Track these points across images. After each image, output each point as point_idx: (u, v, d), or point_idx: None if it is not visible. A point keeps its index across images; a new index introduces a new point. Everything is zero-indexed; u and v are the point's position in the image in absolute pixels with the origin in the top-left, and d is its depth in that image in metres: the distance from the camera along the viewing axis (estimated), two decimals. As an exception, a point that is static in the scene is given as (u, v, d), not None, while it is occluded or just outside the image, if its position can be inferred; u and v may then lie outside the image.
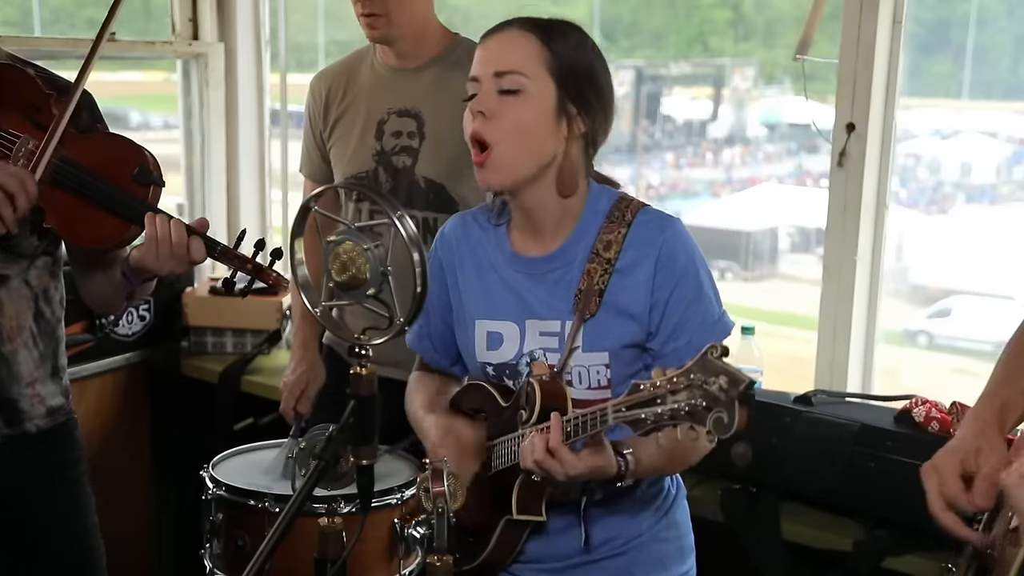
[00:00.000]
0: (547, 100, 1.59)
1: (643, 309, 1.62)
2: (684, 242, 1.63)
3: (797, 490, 2.27)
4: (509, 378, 1.73)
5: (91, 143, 1.87)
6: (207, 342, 3.31)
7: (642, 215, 1.65)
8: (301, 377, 2.52)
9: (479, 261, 1.75)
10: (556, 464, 1.50)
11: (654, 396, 1.33)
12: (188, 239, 1.81)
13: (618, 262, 1.62)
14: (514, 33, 1.61)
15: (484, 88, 1.60)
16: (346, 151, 2.38)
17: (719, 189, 9.25)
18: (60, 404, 2.00)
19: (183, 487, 3.23)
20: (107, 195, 1.83)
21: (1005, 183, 7.15)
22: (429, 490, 1.60)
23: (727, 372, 1.26)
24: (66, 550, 2.01)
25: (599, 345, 1.63)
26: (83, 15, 7.19)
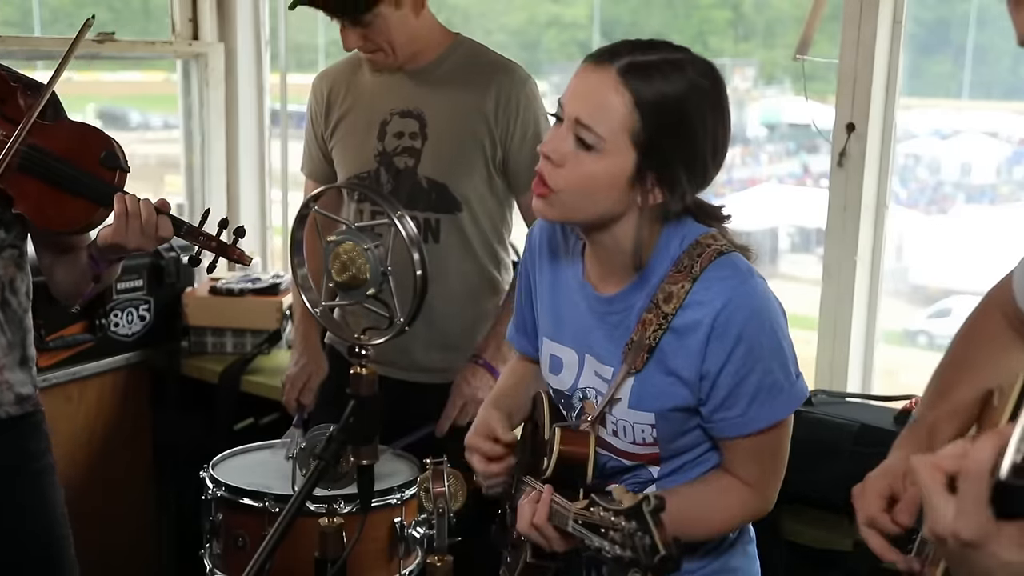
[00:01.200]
0: (623, 167, 1.45)
1: (693, 376, 1.50)
2: (747, 308, 1.48)
3: (797, 490, 2.26)
4: (565, 408, 1.67)
5: (59, 131, 1.95)
6: (207, 342, 3.31)
7: (712, 270, 1.49)
8: (304, 369, 2.52)
9: (556, 276, 1.68)
10: (541, 539, 1.47)
11: (599, 525, 1.27)
12: (156, 217, 1.90)
13: (675, 319, 1.49)
14: (611, 83, 1.43)
15: (564, 128, 1.47)
16: (348, 151, 2.38)
17: (719, 189, 9.24)
18: (29, 393, 2.02)
19: (183, 487, 3.23)
20: (76, 179, 1.91)
21: (1005, 183, 7.15)
22: (429, 490, 1.60)
23: (651, 535, 1.19)
24: (33, 542, 2.03)
25: (644, 405, 1.54)
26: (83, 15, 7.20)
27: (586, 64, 1.48)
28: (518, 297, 1.80)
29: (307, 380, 2.52)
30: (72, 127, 1.97)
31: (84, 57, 3.33)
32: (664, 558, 1.16)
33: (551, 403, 1.67)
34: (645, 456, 1.60)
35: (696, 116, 1.45)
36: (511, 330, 1.85)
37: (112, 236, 1.90)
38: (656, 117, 1.43)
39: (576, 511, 1.35)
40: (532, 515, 1.46)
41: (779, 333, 1.52)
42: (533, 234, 1.75)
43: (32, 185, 1.90)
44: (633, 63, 1.43)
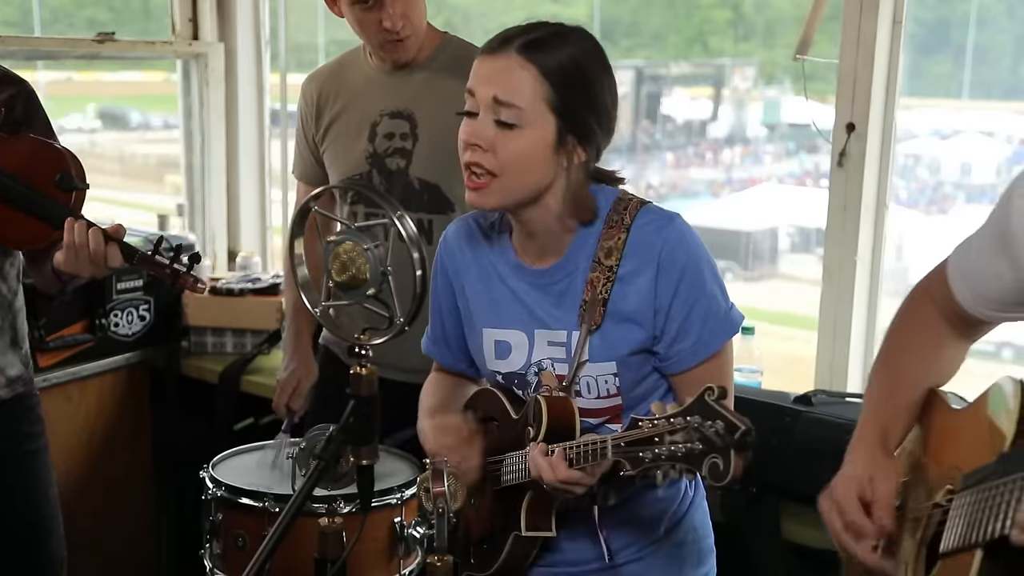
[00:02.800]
0: (546, 135, 1.56)
1: (647, 315, 1.60)
2: (684, 242, 1.60)
3: (797, 490, 2.26)
4: (519, 387, 1.72)
5: (16, 147, 1.93)
6: (207, 342, 3.31)
7: (640, 217, 1.62)
8: (293, 374, 2.52)
9: (484, 269, 1.74)
10: (571, 487, 1.50)
11: (652, 435, 1.32)
12: (105, 246, 1.86)
13: (620, 269, 1.60)
14: (515, 62, 1.55)
15: (481, 114, 1.57)
16: (339, 153, 2.38)
17: (719, 189, 9.24)
18: (19, 374, 2.03)
19: (183, 487, 3.23)
20: (30, 199, 1.90)
21: (1005, 183, 7.12)
22: (429, 490, 1.60)
23: (724, 417, 1.25)
24: (20, 520, 2.05)
25: (606, 355, 1.62)
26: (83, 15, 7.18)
27: (482, 56, 1.60)
28: (434, 308, 1.83)
29: (297, 385, 2.52)
30: (30, 144, 1.95)
31: (84, 57, 3.33)
32: (745, 432, 1.24)
33: (504, 391, 1.73)
34: (609, 410, 1.66)
35: (593, 72, 1.59)
36: (426, 342, 1.87)
37: (63, 264, 1.90)
38: (563, 80, 1.55)
39: (615, 438, 1.40)
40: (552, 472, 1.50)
41: (712, 264, 1.64)
42: (448, 238, 1.80)
43: None
44: (527, 41, 1.56)
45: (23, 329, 2.05)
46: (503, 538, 1.69)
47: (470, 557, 1.78)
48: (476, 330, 1.75)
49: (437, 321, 1.83)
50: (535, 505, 1.62)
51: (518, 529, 1.63)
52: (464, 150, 1.58)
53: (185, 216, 3.66)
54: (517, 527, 1.64)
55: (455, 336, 1.82)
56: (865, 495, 1.43)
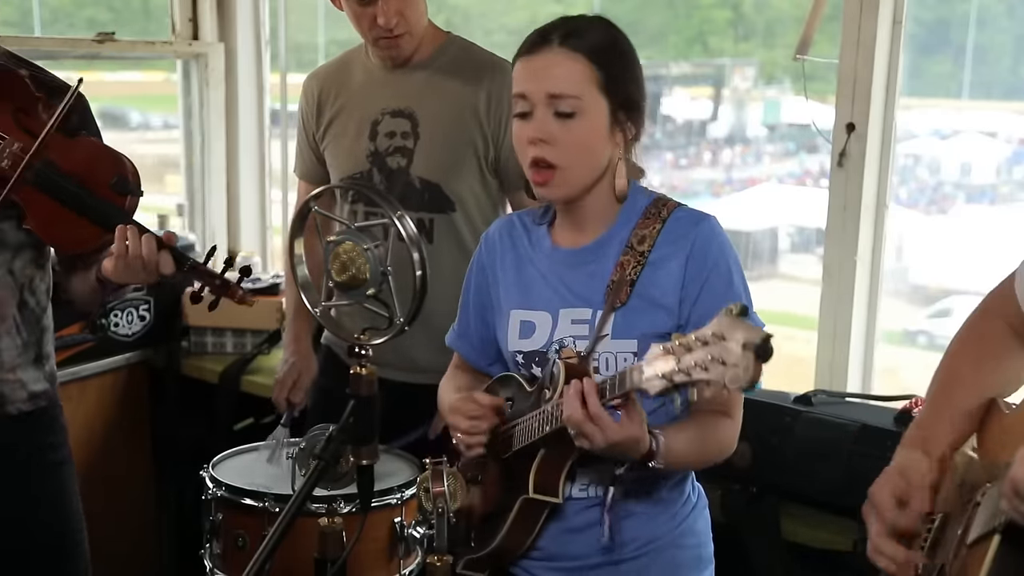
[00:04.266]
0: (602, 117, 1.62)
1: (673, 301, 1.64)
2: (717, 239, 1.66)
3: (797, 490, 2.27)
4: (538, 365, 1.73)
5: (75, 148, 1.91)
6: (207, 342, 3.31)
7: (678, 212, 1.68)
8: (293, 368, 2.52)
9: (519, 256, 1.78)
10: (596, 430, 1.49)
11: (669, 354, 1.35)
12: (158, 253, 1.84)
13: (651, 255, 1.65)
14: (561, 55, 1.61)
15: (538, 111, 1.61)
16: (340, 152, 2.38)
17: (719, 189, 9.23)
18: (43, 389, 2.02)
19: (183, 487, 3.23)
20: (84, 201, 1.87)
21: (1005, 183, 7.13)
22: (429, 490, 1.60)
23: (743, 327, 1.28)
24: (45, 531, 2.03)
25: (628, 333, 1.64)
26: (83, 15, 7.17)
27: (523, 58, 1.65)
28: (464, 303, 1.85)
29: (296, 379, 2.52)
30: (89, 146, 1.93)
31: (84, 57, 3.33)
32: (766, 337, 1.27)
33: (522, 374, 1.74)
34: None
35: (627, 47, 1.68)
36: (451, 335, 1.89)
37: (112, 272, 1.87)
38: (607, 59, 1.62)
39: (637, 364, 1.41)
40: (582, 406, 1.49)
41: (739, 265, 1.69)
42: (491, 232, 1.84)
43: (43, 202, 1.86)
44: (566, 33, 1.62)
45: (49, 348, 2.03)
46: (508, 508, 1.68)
47: (470, 540, 1.77)
48: (504, 313, 1.77)
49: (465, 317, 1.85)
50: (545, 466, 1.63)
51: (526, 492, 1.63)
52: (528, 147, 1.62)
53: (185, 216, 3.66)
54: (525, 490, 1.63)
55: (478, 332, 1.84)
56: (898, 490, 1.42)
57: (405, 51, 2.27)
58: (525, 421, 1.67)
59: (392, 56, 2.29)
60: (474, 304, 1.83)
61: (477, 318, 1.83)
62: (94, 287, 1.99)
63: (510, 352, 1.76)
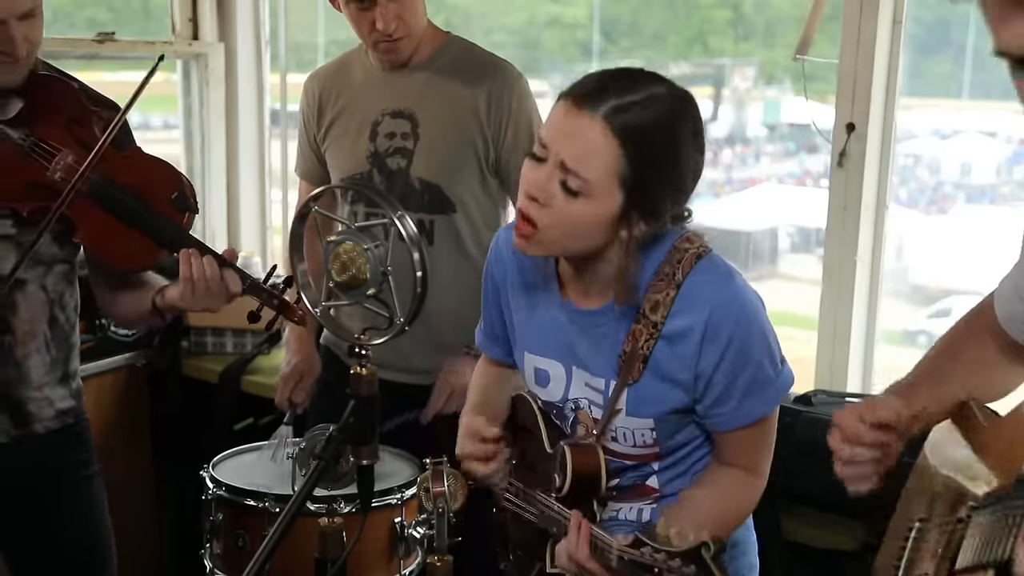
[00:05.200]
0: (610, 209, 1.46)
1: (688, 379, 1.54)
2: (734, 309, 1.51)
3: (797, 490, 2.26)
4: (557, 418, 1.69)
5: (131, 163, 1.87)
6: (207, 342, 3.31)
7: (694, 275, 1.52)
8: (296, 368, 2.52)
9: (528, 289, 1.69)
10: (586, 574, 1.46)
11: (652, 565, 1.28)
12: (221, 272, 1.81)
13: (664, 327, 1.52)
14: (599, 128, 1.43)
15: (548, 167, 1.46)
16: (341, 153, 2.38)
17: (719, 189, 9.24)
18: (70, 406, 1.99)
19: (183, 487, 3.23)
20: (143, 217, 1.82)
21: (1005, 183, 7.13)
22: (429, 490, 1.60)
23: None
24: (75, 546, 2.03)
25: (643, 412, 1.57)
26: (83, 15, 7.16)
27: (567, 103, 1.46)
28: (485, 303, 1.81)
29: (299, 379, 2.52)
30: (146, 160, 1.88)
31: (84, 57, 3.33)
32: None
33: (542, 411, 1.70)
34: (645, 456, 1.63)
35: (679, 147, 1.48)
36: (479, 336, 1.86)
37: (180, 300, 1.84)
38: (642, 155, 1.44)
39: (621, 548, 1.36)
40: (569, 550, 1.47)
41: (764, 328, 1.55)
42: (500, 241, 1.76)
43: (96, 215, 1.81)
44: (619, 106, 1.43)
45: (75, 365, 1.99)
46: (533, 559, 1.69)
47: (509, 554, 1.78)
48: (519, 349, 1.73)
49: (488, 318, 1.82)
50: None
51: (543, 562, 1.63)
52: (522, 197, 1.50)
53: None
54: (543, 560, 1.63)
55: (504, 335, 1.79)
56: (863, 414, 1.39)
57: (404, 54, 2.27)
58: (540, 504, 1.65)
59: (391, 60, 2.29)
60: (494, 310, 1.79)
61: (499, 322, 1.79)
62: (146, 312, 1.93)
63: (528, 391, 1.74)
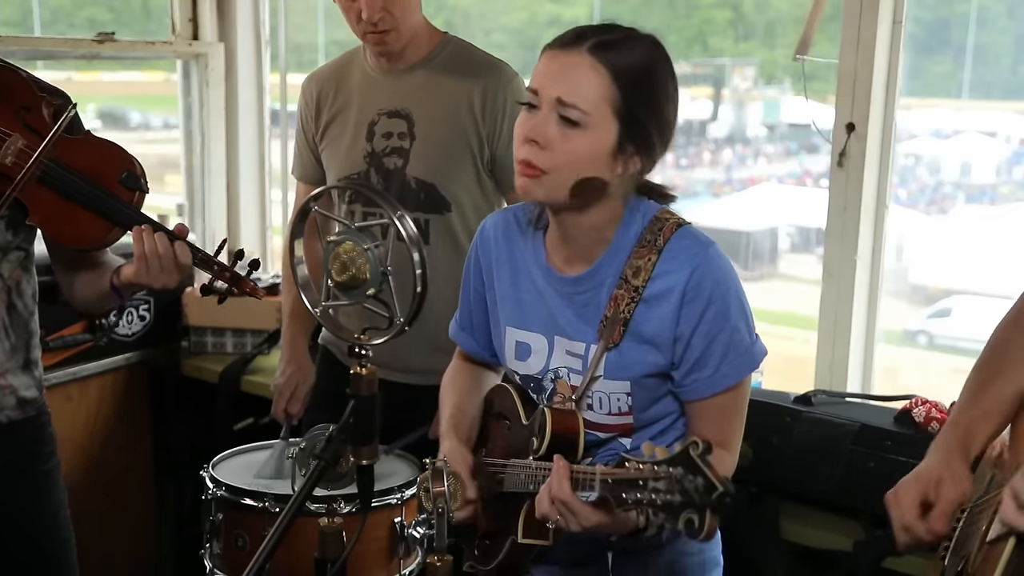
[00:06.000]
0: (607, 139, 1.52)
1: (667, 341, 1.58)
2: (713, 273, 1.56)
3: (797, 490, 2.27)
4: (534, 391, 1.72)
5: (82, 146, 1.92)
6: (207, 342, 3.31)
7: (675, 240, 1.58)
8: (291, 379, 2.52)
9: (515, 265, 1.72)
10: (568, 514, 1.46)
11: (636, 478, 1.30)
12: (172, 245, 1.85)
13: (646, 291, 1.57)
14: (586, 61, 1.50)
15: (543, 111, 1.51)
16: (338, 153, 2.38)
17: (719, 189, 9.25)
18: (33, 397, 2.00)
19: (183, 487, 3.23)
20: (94, 196, 1.88)
21: (1005, 183, 7.15)
22: (429, 490, 1.60)
23: (704, 476, 1.23)
24: (34, 543, 2.02)
25: (621, 374, 1.60)
26: (83, 15, 7.17)
27: (552, 50, 1.54)
28: (464, 296, 1.83)
29: (294, 389, 2.51)
30: (96, 143, 1.94)
31: (84, 57, 3.33)
32: (722, 494, 1.21)
33: (520, 391, 1.72)
34: (618, 427, 1.65)
35: (661, 83, 1.55)
36: (454, 327, 1.88)
37: (135, 276, 1.88)
38: (632, 86, 1.51)
39: (604, 472, 1.37)
40: (552, 490, 1.46)
41: (741, 296, 1.60)
42: (485, 229, 1.78)
43: (49, 197, 1.87)
44: (601, 41, 1.51)
45: (36, 353, 2.01)
46: (502, 539, 1.69)
47: (474, 548, 1.78)
48: (500, 326, 1.75)
49: (466, 309, 1.83)
50: (533, 514, 1.61)
51: (515, 535, 1.63)
52: (521, 144, 1.54)
53: (185, 216, 3.66)
54: (515, 532, 1.63)
55: (481, 326, 1.82)
56: (929, 497, 1.43)
57: (393, 47, 2.27)
58: (515, 468, 1.66)
59: (381, 52, 2.29)
60: (474, 299, 1.81)
61: (479, 312, 1.81)
62: (104, 293, 1.97)
63: (508, 368, 1.76)
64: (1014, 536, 1.25)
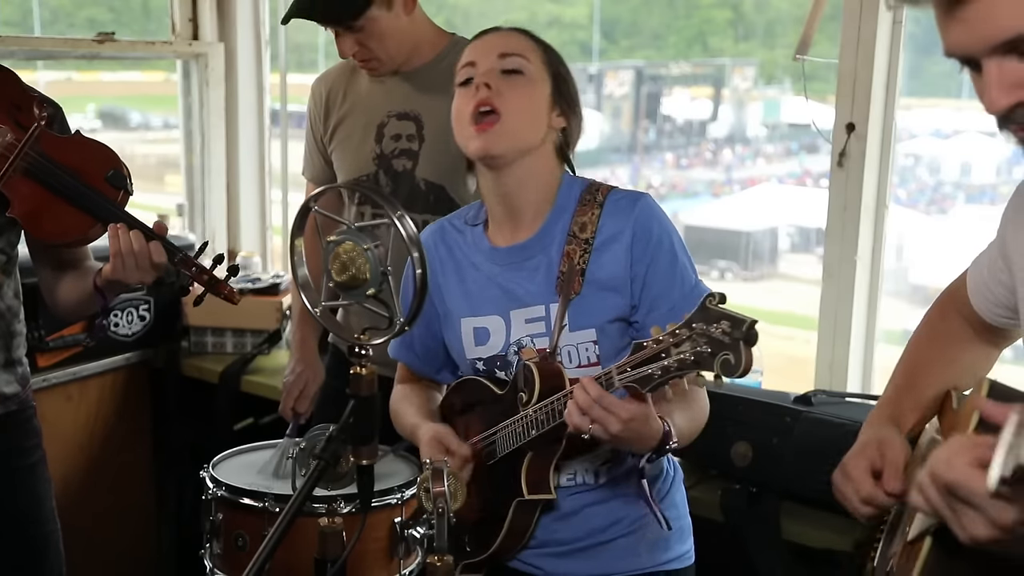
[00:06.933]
0: (545, 86, 1.70)
1: (624, 282, 1.67)
2: (656, 215, 1.69)
3: (797, 490, 2.26)
4: (500, 369, 1.75)
5: (70, 144, 1.95)
6: (207, 342, 3.31)
7: (613, 195, 1.71)
8: (300, 377, 2.52)
9: (458, 262, 1.79)
10: (606, 414, 1.47)
11: (658, 351, 1.35)
12: (148, 245, 1.86)
13: (595, 240, 1.67)
14: (510, 31, 1.73)
15: (484, 68, 1.67)
16: (347, 154, 2.38)
17: (719, 189, 9.26)
18: (14, 392, 2.01)
19: (183, 487, 3.23)
20: (79, 191, 1.90)
21: (1005, 183, 7.15)
22: (429, 490, 1.60)
23: (728, 316, 1.29)
24: (19, 535, 2.03)
25: (585, 323, 1.67)
26: (83, 15, 7.18)
27: (477, 38, 1.74)
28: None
29: (303, 388, 2.52)
30: (84, 142, 1.97)
31: (84, 57, 3.33)
32: (751, 324, 1.27)
33: (485, 372, 1.77)
34: None
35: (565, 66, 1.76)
36: (394, 345, 1.89)
37: (111, 273, 1.90)
38: (552, 53, 1.74)
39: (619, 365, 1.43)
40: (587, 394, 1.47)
41: (680, 238, 1.72)
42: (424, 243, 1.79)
43: (33, 191, 1.89)
44: (516, 28, 1.75)
45: (20, 352, 2.03)
46: (503, 511, 1.70)
47: (465, 545, 1.79)
48: (454, 323, 1.78)
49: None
50: (534, 466, 1.65)
51: (520, 494, 1.65)
52: (470, 102, 1.66)
53: (185, 216, 3.67)
54: (519, 492, 1.65)
55: (421, 341, 1.86)
56: (875, 464, 1.45)
57: (380, 72, 2.32)
58: (507, 427, 1.68)
59: (372, 75, 2.34)
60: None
61: (421, 327, 1.83)
62: (88, 294, 1.98)
63: (468, 360, 1.79)
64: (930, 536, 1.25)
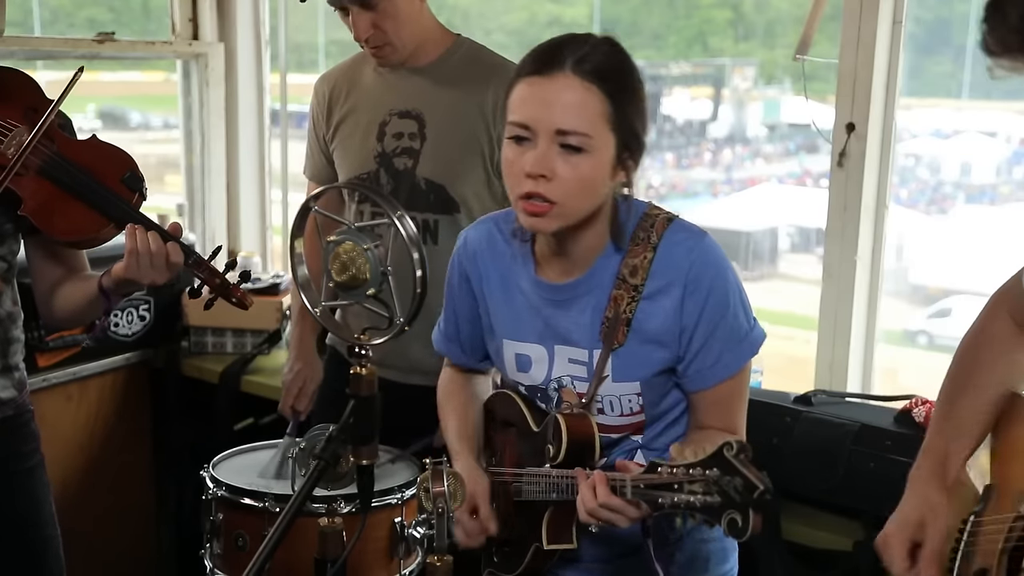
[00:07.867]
0: (609, 154, 1.52)
1: (673, 336, 1.59)
2: (711, 263, 1.58)
3: (797, 490, 2.26)
4: (541, 400, 1.72)
5: (85, 146, 1.95)
6: (207, 342, 3.31)
7: (668, 236, 1.59)
8: (299, 376, 2.52)
9: (505, 278, 1.72)
10: (613, 515, 1.46)
11: (671, 482, 1.32)
12: (165, 245, 1.86)
13: (645, 289, 1.58)
14: (575, 85, 1.49)
15: (541, 144, 1.49)
16: (348, 153, 2.38)
17: (719, 189, 9.25)
18: (11, 397, 2.00)
19: (183, 487, 3.23)
20: (93, 190, 1.90)
21: (1005, 183, 7.15)
22: (429, 490, 1.60)
23: (743, 475, 1.25)
24: (17, 540, 2.02)
25: (629, 376, 1.61)
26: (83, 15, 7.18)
27: (529, 79, 1.53)
28: (449, 308, 1.83)
29: (302, 386, 2.52)
30: (100, 145, 1.98)
31: (84, 57, 3.34)
32: (763, 491, 1.24)
33: (525, 397, 1.72)
34: (631, 426, 1.66)
35: (636, 77, 1.57)
36: (438, 337, 1.87)
37: (125, 272, 1.88)
38: (619, 93, 1.52)
39: (635, 478, 1.39)
40: (593, 496, 1.46)
41: (738, 283, 1.62)
42: (468, 242, 1.77)
43: (45, 189, 1.88)
44: (579, 57, 1.50)
45: (17, 359, 2.01)
46: (524, 546, 1.69)
47: (493, 555, 1.78)
48: (497, 340, 1.75)
49: (452, 322, 1.83)
50: (556, 520, 1.62)
51: (539, 542, 1.64)
52: (523, 180, 1.51)
53: (185, 216, 3.66)
54: (538, 540, 1.64)
55: (470, 339, 1.82)
56: (917, 538, 1.45)
57: (391, 60, 2.28)
58: (531, 478, 1.66)
59: (381, 64, 2.31)
60: (461, 313, 1.80)
61: (466, 322, 1.81)
62: (90, 299, 1.97)
63: (511, 380, 1.76)
64: None
